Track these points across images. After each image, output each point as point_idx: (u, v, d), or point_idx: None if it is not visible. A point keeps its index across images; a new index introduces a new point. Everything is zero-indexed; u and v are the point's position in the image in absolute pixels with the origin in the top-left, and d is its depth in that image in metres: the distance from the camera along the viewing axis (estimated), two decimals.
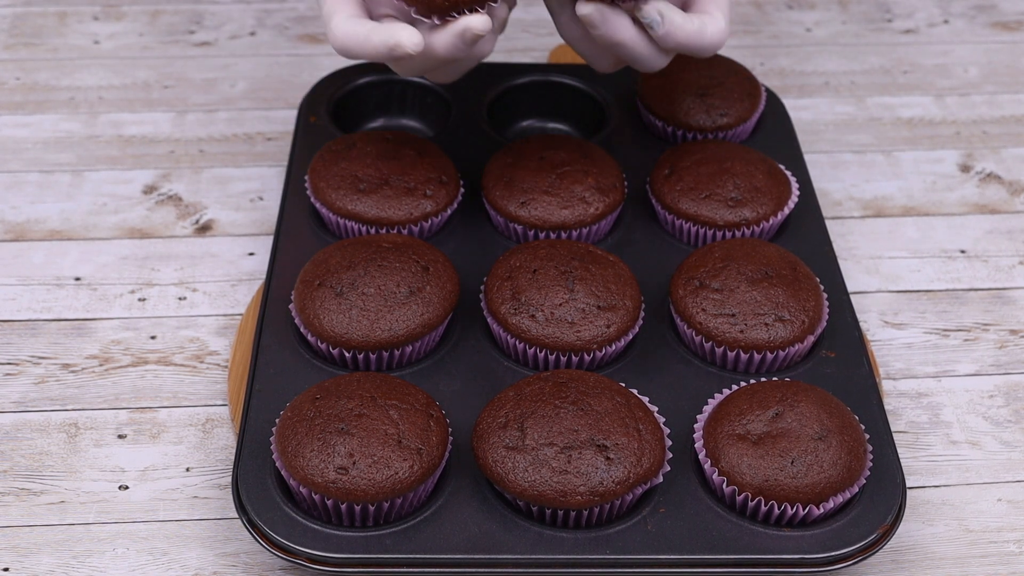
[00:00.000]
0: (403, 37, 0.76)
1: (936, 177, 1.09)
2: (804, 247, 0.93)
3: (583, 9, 0.78)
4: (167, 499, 0.82)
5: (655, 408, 0.79)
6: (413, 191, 0.91)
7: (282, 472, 0.75)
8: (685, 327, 0.86)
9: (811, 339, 0.85)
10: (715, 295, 0.85)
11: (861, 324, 0.93)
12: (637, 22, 0.80)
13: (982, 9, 1.30)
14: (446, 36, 0.77)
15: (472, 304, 0.88)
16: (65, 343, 0.92)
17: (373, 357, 0.83)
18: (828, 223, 1.01)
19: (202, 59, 1.20)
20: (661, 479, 0.76)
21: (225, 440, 0.85)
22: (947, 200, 1.06)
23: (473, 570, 0.74)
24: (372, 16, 0.81)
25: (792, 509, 0.75)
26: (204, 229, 1.01)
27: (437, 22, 0.77)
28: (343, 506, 0.74)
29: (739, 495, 0.76)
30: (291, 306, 0.86)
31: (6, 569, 0.78)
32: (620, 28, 0.79)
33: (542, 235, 0.92)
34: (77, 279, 0.97)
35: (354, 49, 0.78)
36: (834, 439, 0.76)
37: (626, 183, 0.95)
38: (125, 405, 0.87)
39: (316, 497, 0.74)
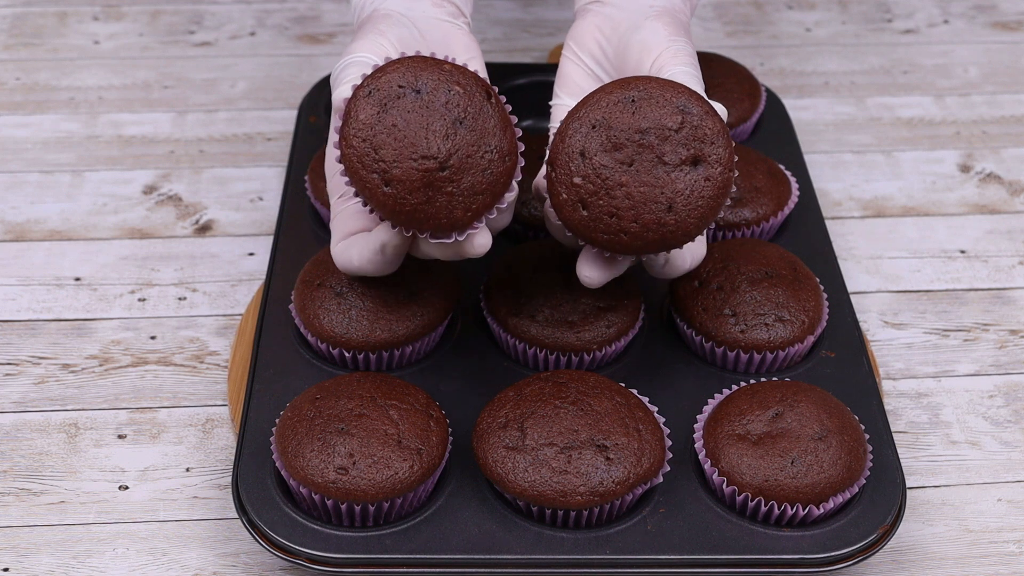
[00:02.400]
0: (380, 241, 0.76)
1: (936, 177, 1.09)
2: (804, 247, 0.93)
3: (587, 279, 0.77)
4: (167, 499, 0.82)
5: (655, 408, 0.79)
6: None
7: (282, 472, 0.75)
8: (685, 327, 0.86)
9: (811, 339, 0.85)
10: (715, 295, 0.85)
11: (861, 324, 0.93)
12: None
13: (982, 9, 1.30)
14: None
15: (472, 304, 0.88)
16: (65, 343, 0.92)
17: (373, 357, 0.83)
18: (828, 223, 1.01)
19: (202, 59, 1.20)
20: (661, 479, 0.76)
21: (225, 440, 0.85)
22: (947, 200, 1.06)
23: (473, 570, 0.74)
24: None
25: (792, 509, 0.75)
26: (204, 229, 1.01)
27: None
28: (343, 506, 0.74)
29: (739, 495, 0.76)
30: (291, 306, 0.86)
31: (6, 569, 0.78)
32: (618, 270, 0.78)
33: (542, 235, 0.92)
34: (77, 279, 0.97)
35: (349, 270, 0.79)
36: (834, 439, 0.76)
37: None
38: (125, 405, 0.87)
39: (316, 497, 0.74)
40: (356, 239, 0.78)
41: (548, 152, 0.75)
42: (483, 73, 0.80)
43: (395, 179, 0.71)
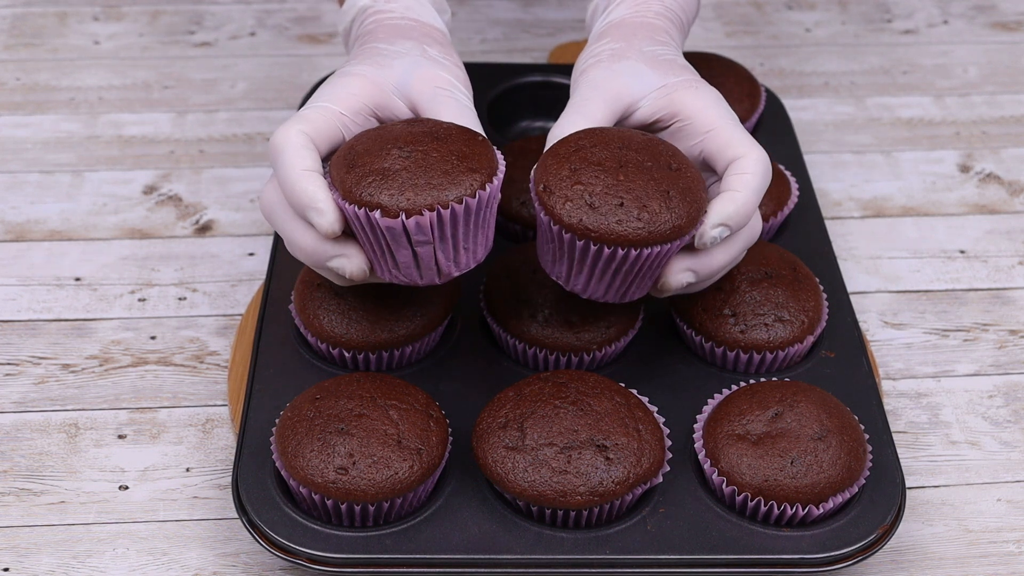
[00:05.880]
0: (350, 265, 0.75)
1: (936, 177, 1.09)
2: (804, 247, 0.93)
3: (684, 279, 0.77)
4: (167, 499, 0.82)
5: (655, 408, 0.79)
6: None
7: (282, 472, 0.76)
8: (685, 327, 0.86)
9: (811, 339, 0.85)
10: (715, 295, 0.85)
11: (861, 324, 0.93)
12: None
13: (982, 9, 1.30)
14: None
15: (472, 304, 0.88)
16: (65, 343, 0.92)
17: (373, 357, 0.83)
18: (828, 223, 1.01)
19: (202, 59, 1.20)
20: (661, 479, 0.77)
21: (225, 440, 0.85)
22: (947, 200, 1.06)
23: (473, 570, 0.74)
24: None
25: (792, 509, 0.75)
26: (204, 229, 1.01)
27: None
28: (343, 506, 0.74)
29: (739, 495, 0.76)
30: (291, 306, 0.86)
31: (6, 569, 0.78)
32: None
33: None
34: (77, 279, 0.97)
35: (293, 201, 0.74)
36: (834, 439, 0.76)
37: None
38: (125, 405, 0.87)
39: (316, 497, 0.74)
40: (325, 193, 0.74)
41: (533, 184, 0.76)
42: (468, 92, 0.81)
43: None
